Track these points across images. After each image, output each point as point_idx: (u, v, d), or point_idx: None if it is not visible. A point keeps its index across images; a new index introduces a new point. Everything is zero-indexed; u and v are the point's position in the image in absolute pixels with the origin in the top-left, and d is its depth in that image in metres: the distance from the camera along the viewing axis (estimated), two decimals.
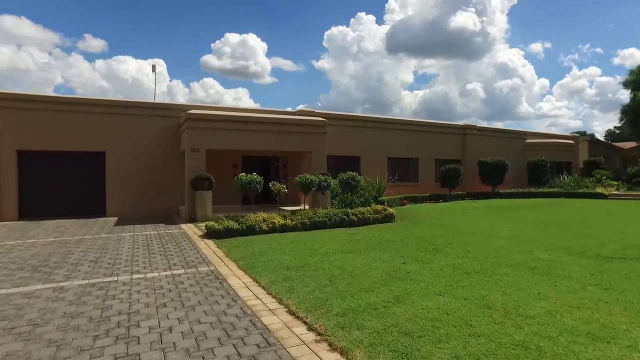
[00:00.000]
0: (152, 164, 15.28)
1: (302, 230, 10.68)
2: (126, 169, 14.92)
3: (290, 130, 14.95)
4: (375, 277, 5.83)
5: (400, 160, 21.04)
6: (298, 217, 10.90)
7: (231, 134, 13.92)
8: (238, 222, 10.11)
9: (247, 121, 14.23)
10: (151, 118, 15.35)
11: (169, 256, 7.77)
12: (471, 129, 23.29)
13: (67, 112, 14.14)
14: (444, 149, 22.45)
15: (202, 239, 9.72)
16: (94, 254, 8.02)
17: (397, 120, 21.09)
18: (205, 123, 13.58)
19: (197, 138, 13.44)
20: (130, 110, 15.05)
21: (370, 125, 19.81)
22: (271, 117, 14.94)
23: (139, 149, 15.10)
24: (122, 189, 14.85)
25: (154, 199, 15.23)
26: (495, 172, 21.91)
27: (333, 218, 11.27)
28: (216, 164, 15.59)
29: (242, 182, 10.85)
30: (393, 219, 12.46)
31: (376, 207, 12.48)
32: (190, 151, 13.39)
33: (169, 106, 15.74)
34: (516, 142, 25.83)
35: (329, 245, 8.49)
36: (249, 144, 14.29)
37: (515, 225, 11.08)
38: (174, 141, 15.62)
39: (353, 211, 11.86)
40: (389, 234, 9.92)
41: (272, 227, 10.33)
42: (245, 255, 7.57)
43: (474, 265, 6.47)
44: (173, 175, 15.48)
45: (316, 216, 11.09)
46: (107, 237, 10.11)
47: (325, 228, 11.06)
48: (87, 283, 5.93)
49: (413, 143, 21.19)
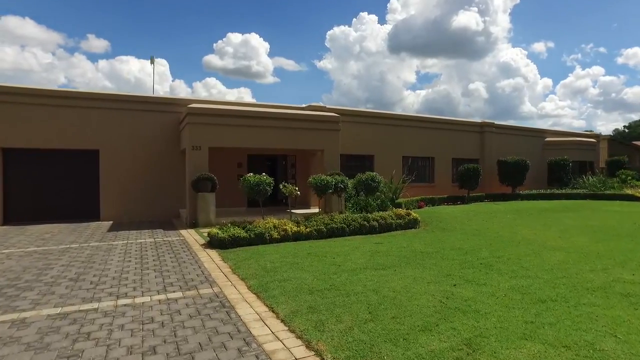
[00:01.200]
0: (150, 164, 14.04)
1: (318, 238, 9.41)
2: (122, 168, 13.69)
3: (300, 127, 13.67)
4: (425, 307, 4.55)
5: (415, 159, 19.74)
6: (313, 224, 9.62)
7: (236, 130, 12.66)
8: (245, 230, 8.85)
9: (253, 116, 12.97)
10: (149, 113, 14.11)
11: (165, 272, 6.51)
12: (489, 127, 21.96)
13: (56, 106, 12.91)
14: (461, 148, 21.13)
15: (205, 248, 8.46)
16: (76, 268, 6.77)
17: (413, 117, 19.79)
18: (208, 118, 12.33)
19: (199, 134, 12.18)
20: (126, 104, 13.81)
21: (384, 122, 18.52)
22: (280, 112, 13.68)
23: (136, 147, 13.87)
24: (118, 190, 13.63)
25: (152, 202, 14.00)
26: (516, 172, 20.57)
27: (352, 224, 9.99)
28: (219, 163, 14.34)
29: (250, 183, 9.56)
30: (417, 224, 11.17)
31: (398, 212, 11.19)
32: (191, 149, 12.14)
33: (168, 100, 14.50)
34: (535, 140, 24.47)
35: (354, 258, 7.21)
36: (256, 141, 13.03)
37: (561, 233, 9.74)
38: (174, 138, 14.37)
39: (373, 216, 10.57)
40: (420, 243, 8.63)
41: (283, 235, 9.06)
42: (256, 272, 6.30)
43: (544, 289, 5.18)
44: (173, 176, 14.24)
45: (333, 222, 9.81)
46: (97, 246, 8.86)
47: (344, 235, 9.78)
48: (58, 313, 4.67)
49: (429, 141, 19.88)
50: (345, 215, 10.32)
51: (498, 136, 22.30)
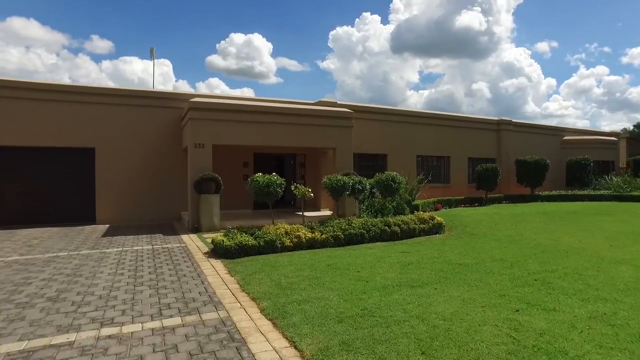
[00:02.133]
0: (150, 163, 13.08)
1: (335, 246, 8.40)
2: (119, 168, 12.73)
3: (311, 123, 12.67)
4: (494, 345, 3.53)
5: (430, 158, 18.68)
6: (329, 229, 8.61)
7: (242, 126, 11.67)
8: (254, 237, 7.84)
9: (261, 111, 11.97)
10: (149, 109, 13.15)
11: (161, 290, 5.51)
12: (507, 125, 20.87)
13: (49, 101, 11.96)
14: (477, 147, 20.06)
15: (208, 258, 7.46)
16: (59, 284, 5.79)
17: (428, 114, 18.73)
18: (212, 113, 11.34)
19: (202, 131, 11.21)
20: (124, 99, 12.85)
21: (398, 119, 17.48)
22: (289, 107, 12.69)
23: (135, 145, 12.91)
24: (115, 191, 12.67)
25: (152, 204, 13.03)
26: (536, 173, 19.48)
27: (372, 230, 8.97)
28: (224, 162, 13.36)
29: (259, 184, 8.54)
30: (442, 229, 10.14)
31: (421, 215, 10.15)
32: (194, 147, 11.17)
33: (169, 95, 13.54)
34: (552, 139, 23.35)
35: (382, 271, 6.19)
36: (263, 138, 12.04)
37: (609, 240, 8.64)
38: (176, 136, 13.41)
39: (394, 220, 9.55)
40: (452, 253, 7.60)
41: (296, 242, 8.05)
42: (270, 290, 5.29)
43: (636, 318, 4.14)
44: (174, 176, 13.27)
45: (351, 228, 8.79)
46: (87, 254, 7.88)
47: (363, 242, 8.77)
48: (20, 350, 3.68)
49: (444, 140, 18.83)
50: (363, 220, 9.30)
51: (515, 134, 21.22)
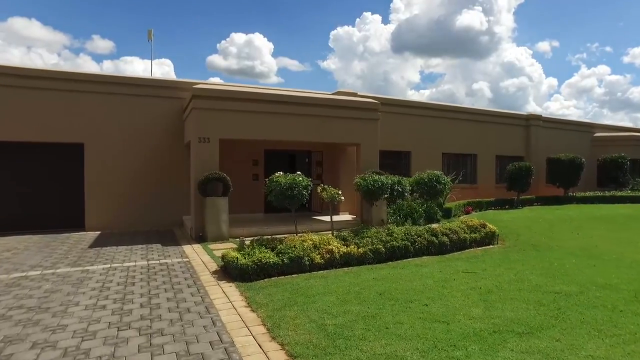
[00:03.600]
0: (148, 160, 11.44)
1: (375, 261, 6.75)
2: (112, 166, 11.09)
3: (332, 115, 11.01)
4: None
5: (456, 156, 17.01)
6: (366, 241, 6.94)
7: (254, 117, 10.03)
8: (275, 252, 6.19)
9: (274, 100, 10.32)
10: (146, 100, 11.50)
11: (156, 337, 3.86)
12: (536, 120, 19.17)
13: (29, 88, 10.32)
14: (504, 144, 18.38)
15: (218, 280, 5.82)
16: (10, 326, 4.14)
17: (454, 108, 17.02)
18: (219, 102, 9.70)
19: (207, 123, 9.57)
20: (118, 88, 11.21)
21: (422, 112, 15.81)
22: (308, 97, 11.04)
23: (130, 140, 11.27)
24: (107, 193, 11.02)
25: (150, 207, 11.39)
26: (570, 172, 17.78)
27: (417, 241, 7.31)
28: (231, 160, 11.73)
29: (280, 186, 6.85)
30: (495, 239, 8.48)
31: (470, 222, 8.48)
32: (198, 141, 9.52)
33: (169, 84, 11.89)
34: (582, 136, 21.62)
35: (458, 304, 4.53)
36: (276, 132, 10.39)
37: None
38: (177, 130, 11.77)
39: (441, 229, 7.88)
40: (532, 273, 5.93)
41: (329, 258, 6.40)
42: (313, 340, 3.64)
43: None
44: (175, 175, 11.64)
45: (393, 239, 7.13)
46: (65, 274, 6.24)
47: (407, 257, 7.11)
48: None
49: (471, 136, 17.15)
50: (405, 229, 7.63)
51: (545, 131, 19.52)
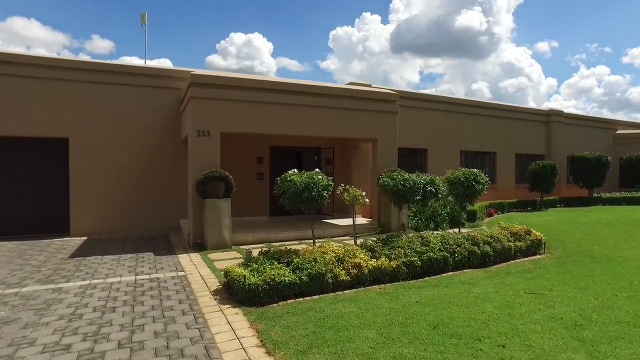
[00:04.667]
0: (140, 157, 10.27)
1: (409, 277, 5.58)
2: (101, 163, 9.92)
3: (346, 107, 9.84)
4: None
5: (474, 154, 15.84)
6: (399, 252, 5.76)
7: (259, 109, 8.87)
8: (291, 267, 5.01)
9: (284, 90, 9.15)
10: (139, 90, 10.33)
11: None
12: (557, 116, 18.00)
13: (6, 76, 9.17)
14: (524, 141, 17.21)
15: (221, 304, 4.64)
16: None
17: (472, 102, 15.82)
18: (220, 91, 8.53)
19: (207, 114, 8.40)
20: (107, 77, 10.03)
21: (439, 107, 14.64)
22: (319, 86, 9.88)
23: (121, 135, 10.10)
24: (95, 194, 9.85)
25: (143, 210, 10.22)
26: (596, 171, 16.64)
27: (457, 252, 6.14)
28: (233, 157, 10.59)
29: (295, 187, 5.64)
30: (542, 248, 7.29)
31: (512, 228, 7.28)
32: (196, 135, 8.36)
33: (165, 72, 10.71)
34: (604, 133, 20.45)
35: (547, 347, 3.35)
36: (286, 125, 9.23)
37: None
38: (174, 124, 10.60)
39: (482, 236, 6.70)
40: (618, 296, 4.76)
41: (356, 274, 5.22)
42: None
43: None
44: (171, 174, 10.47)
45: (430, 249, 5.95)
46: (31, 294, 5.07)
47: (446, 270, 5.94)
48: None
49: (490, 133, 15.99)
50: (441, 236, 6.45)
51: (566, 127, 18.36)
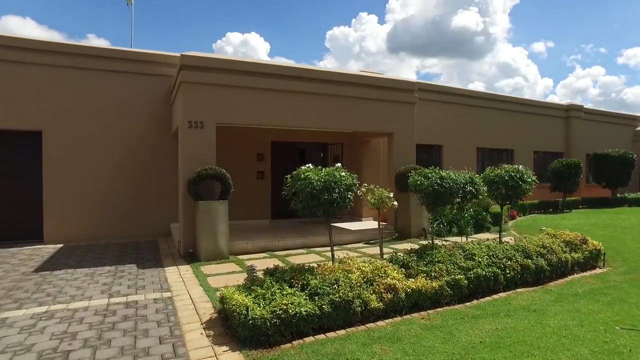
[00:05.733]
0: (126, 154, 9.06)
1: (455, 300, 4.38)
2: (79, 160, 8.70)
3: (359, 96, 8.65)
4: None
5: (491, 152, 14.68)
6: (438, 269, 4.56)
7: (261, 97, 7.67)
8: (307, 292, 3.81)
9: (287, 75, 7.95)
10: (124, 77, 9.11)
11: None
12: (577, 111, 16.85)
13: None
14: (542, 138, 16.05)
15: (215, 344, 3.42)
16: None
17: (489, 96, 14.60)
18: (215, 75, 7.33)
19: (200, 102, 7.20)
20: (88, 62, 8.81)
21: (455, 100, 13.47)
22: (328, 72, 8.68)
23: (103, 128, 8.88)
24: (73, 194, 8.62)
25: (129, 212, 9.01)
26: (621, 170, 15.50)
27: (507, 266, 4.95)
28: (229, 154, 9.41)
29: (312, 186, 4.35)
30: (600, 260, 6.12)
31: (565, 236, 6.11)
32: (187, 127, 7.15)
33: (153, 58, 9.47)
34: (624, 130, 19.32)
35: None
36: (291, 117, 8.04)
37: None
38: (163, 116, 9.39)
39: (533, 246, 5.51)
40: None
41: (391, 300, 4.03)
42: None
43: None
44: (162, 172, 9.27)
45: (476, 264, 4.76)
46: None
47: (496, 291, 4.75)
48: None
49: (507, 129, 14.83)
50: (487, 247, 5.25)
51: (586, 123, 17.22)
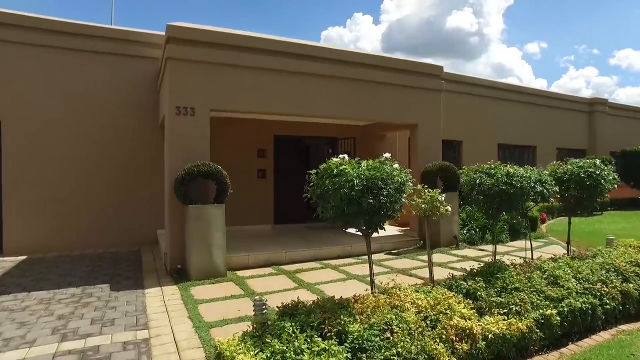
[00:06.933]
0: (106, 148, 7.70)
1: (548, 345, 3.09)
2: (48, 155, 7.33)
3: (376, 80, 7.33)
4: None
5: (513, 148, 13.44)
6: (521, 299, 3.25)
7: (261, 80, 6.33)
8: (346, 345, 2.50)
9: (294, 54, 6.63)
10: (101, 59, 7.74)
11: None
12: (602, 105, 15.65)
13: None
14: (565, 134, 14.83)
15: None
16: None
17: (511, 87, 13.31)
18: (209, 51, 5.98)
19: (191, 84, 5.86)
20: (59, 39, 7.43)
21: (474, 90, 12.20)
22: (343, 51, 7.36)
23: (77, 118, 7.52)
24: (41, 196, 7.25)
25: (108, 217, 7.64)
26: None
27: (604, 294, 3.65)
28: (225, 150, 8.11)
29: (348, 186, 2.89)
30: None
31: None
32: (175, 114, 5.81)
33: (136, 37, 8.07)
34: None
35: None
36: (294, 104, 6.69)
37: None
38: (151, 105, 8.05)
39: (624, 262, 4.23)
40: None
41: (466, 353, 2.72)
42: None
43: None
44: (147, 170, 7.92)
45: (565, 292, 3.45)
46: None
47: (595, 330, 3.44)
48: None
49: (529, 124, 13.60)
50: (566, 263, 3.95)
51: (611, 119, 16.03)
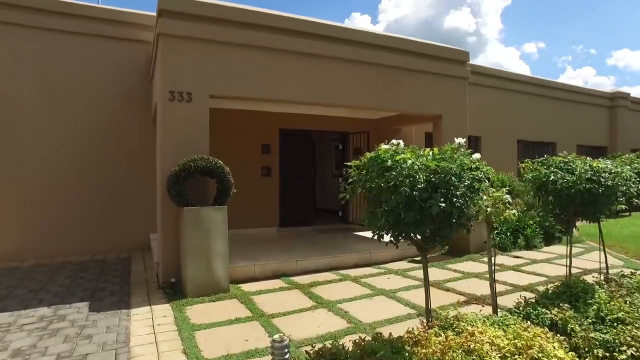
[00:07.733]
0: (92, 143, 6.87)
1: None
2: (25, 151, 6.50)
3: (396, 64, 6.51)
4: None
5: (533, 145, 12.60)
6: (630, 333, 2.44)
7: (268, 61, 5.51)
8: None
9: (308, 33, 5.81)
10: (87, 42, 6.91)
11: None
12: (623, 100, 14.81)
13: None
14: (585, 130, 14.01)
15: None
16: None
17: (531, 80, 12.41)
18: (208, 27, 5.14)
19: (188, 65, 5.02)
20: (39, 19, 6.61)
21: (493, 83, 11.37)
22: (360, 31, 6.53)
23: (59, 109, 6.69)
24: (16, 197, 6.41)
25: (94, 220, 6.80)
26: None
27: None
28: (226, 145, 7.28)
29: (407, 182, 1.90)
30: None
31: None
32: (169, 99, 4.96)
33: (127, 17, 7.22)
34: None
35: None
36: (304, 90, 5.85)
37: None
38: (143, 94, 7.21)
39: None
40: None
41: None
42: None
43: None
44: (139, 167, 7.10)
45: None
46: None
47: None
48: None
49: (549, 119, 12.78)
50: None
51: (632, 114, 15.22)
